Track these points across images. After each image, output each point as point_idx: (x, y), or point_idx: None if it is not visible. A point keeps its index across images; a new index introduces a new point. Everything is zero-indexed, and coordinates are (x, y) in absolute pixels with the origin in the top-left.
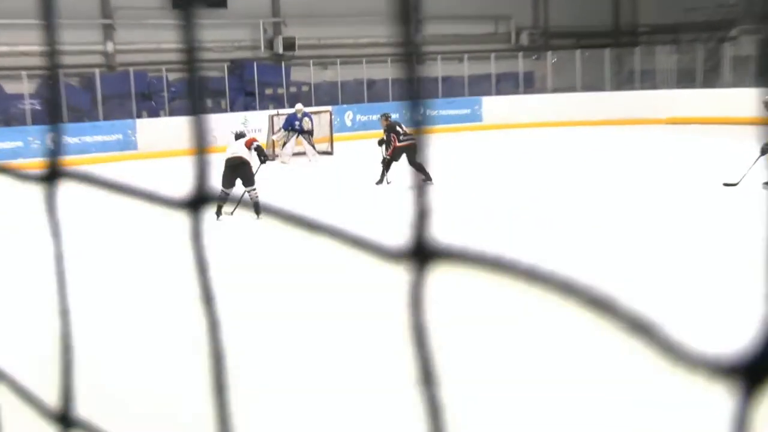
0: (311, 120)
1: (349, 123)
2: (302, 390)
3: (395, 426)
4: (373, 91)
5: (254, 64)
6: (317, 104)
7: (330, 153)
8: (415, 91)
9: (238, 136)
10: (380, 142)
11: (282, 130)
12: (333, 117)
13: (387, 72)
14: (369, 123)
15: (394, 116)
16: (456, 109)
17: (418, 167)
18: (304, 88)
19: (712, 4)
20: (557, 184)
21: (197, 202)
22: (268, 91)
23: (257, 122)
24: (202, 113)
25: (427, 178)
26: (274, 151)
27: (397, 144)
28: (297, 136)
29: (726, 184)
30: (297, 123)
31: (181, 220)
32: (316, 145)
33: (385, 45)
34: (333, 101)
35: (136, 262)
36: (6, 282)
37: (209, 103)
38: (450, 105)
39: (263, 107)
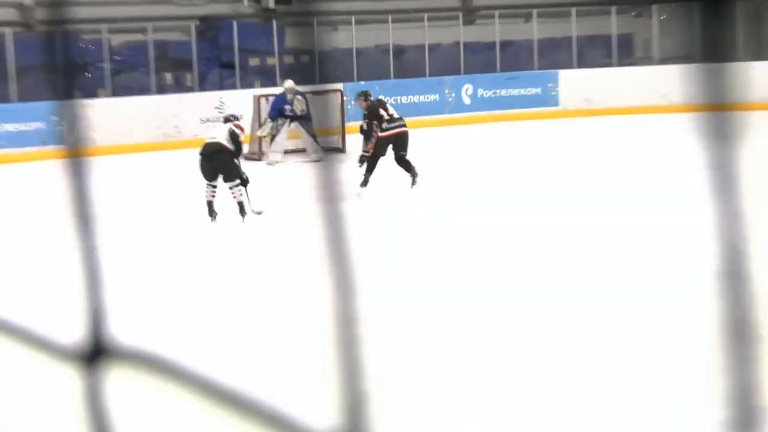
0: (306, 100)
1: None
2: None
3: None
4: (402, 63)
5: (233, 24)
6: (322, 81)
7: (341, 149)
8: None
9: (228, 119)
10: (361, 131)
11: (269, 120)
12: (344, 99)
13: (421, 36)
14: (398, 108)
15: (380, 97)
16: (521, 87)
17: (406, 165)
18: (304, 59)
19: None
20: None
21: (93, 354)
22: (254, 62)
23: (238, 106)
24: None
25: (413, 176)
26: (260, 148)
27: (380, 134)
28: (290, 125)
29: None
30: (288, 107)
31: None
32: (319, 138)
33: None
34: (345, 77)
35: None
36: None
37: (168, 78)
38: (512, 82)
39: (246, 85)
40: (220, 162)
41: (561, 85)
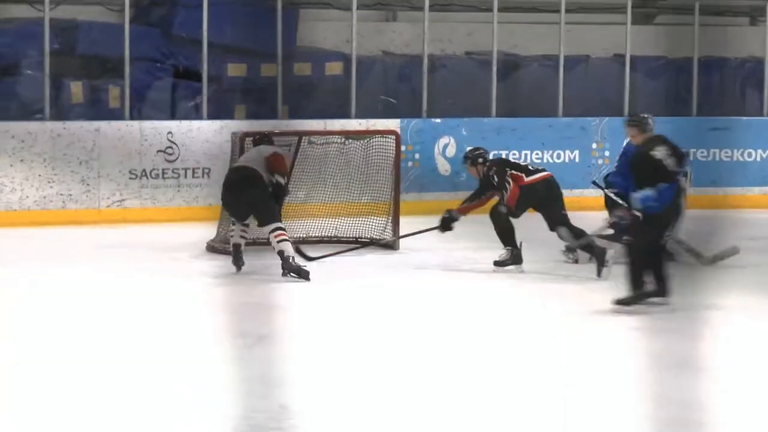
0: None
1: (444, 169)
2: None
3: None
4: (514, 86)
5: (203, 0)
6: (360, 114)
7: (392, 246)
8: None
9: (259, 140)
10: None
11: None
12: (403, 147)
13: (545, 37)
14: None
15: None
16: (737, 147)
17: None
18: (332, 69)
19: None
20: None
21: None
22: (234, 71)
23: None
24: None
25: (601, 259)
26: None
27: (525, 180)
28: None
29: None
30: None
31: None
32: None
33: None
34: (408, 107)
35: None
36: None
37: (80, 88)
38: (721, 137)
39: (217, 113)
40: (248, 195)
41: None
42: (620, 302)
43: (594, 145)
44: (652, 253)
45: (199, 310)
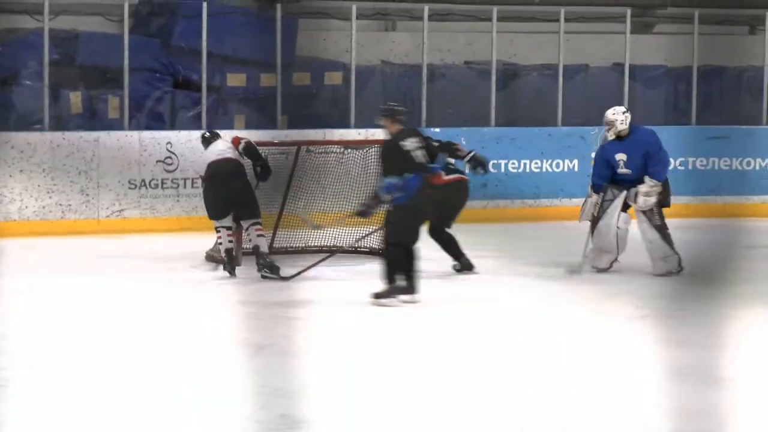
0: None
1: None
2: None
3: None
4: (515, 94)
5: (203, 9)
6: (361, 124)
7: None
8: None
9: (210, 138)
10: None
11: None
12: None
13: (544, 45)
14: (516, 177)
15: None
16: (734, 155)
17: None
18: (331, 79)
19: None
20: None
21: None
22: (234, 81)
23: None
24: None
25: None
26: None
27: (443, 178)
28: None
29: None
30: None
31: None
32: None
33: None
34: (407, 117)
35: None
36: None
37: (79, 98)
38: (719, 145)
39: (216, 123)
40: (236, 191)
41: None
42: (376, 296)
43: (593, 155)
44: (399, 246)
45: (198, 318)
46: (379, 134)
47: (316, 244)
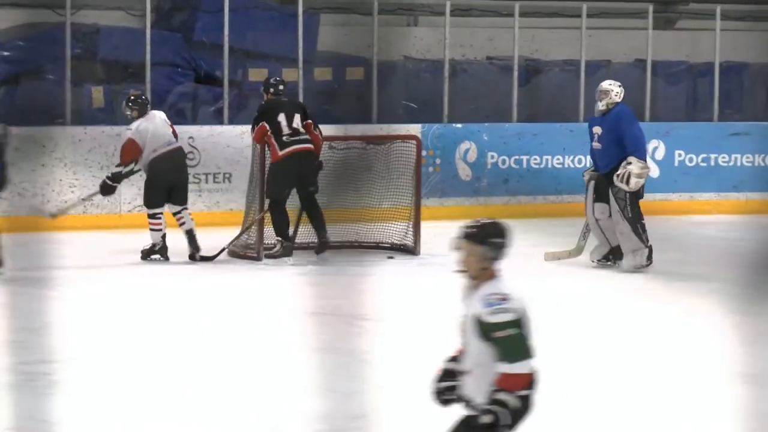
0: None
1: (465, 174)
2: None
3: None
4: (537, 89)
5: (225, 4)
6: (383, 119)
7: (411, 249)
8: None
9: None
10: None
11: None
12: (422, 154)
13: (562, 42)
14: (538, 173)
15: None
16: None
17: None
18: (353, 74)
19: None
20: None
21: None
22: (255, 76)
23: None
24: None
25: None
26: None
27: (279, 153)
28: None
29: None
30: None
31: None
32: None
33: None
34: (429, 112)
35: None
36: None
37: (101, 93)
38: (736, 142)
39: (238, 118)
40: (182, 177)
41: None
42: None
43: None
44: None
45: (221, 313)
46: (400, 129)
47: (338, 239)
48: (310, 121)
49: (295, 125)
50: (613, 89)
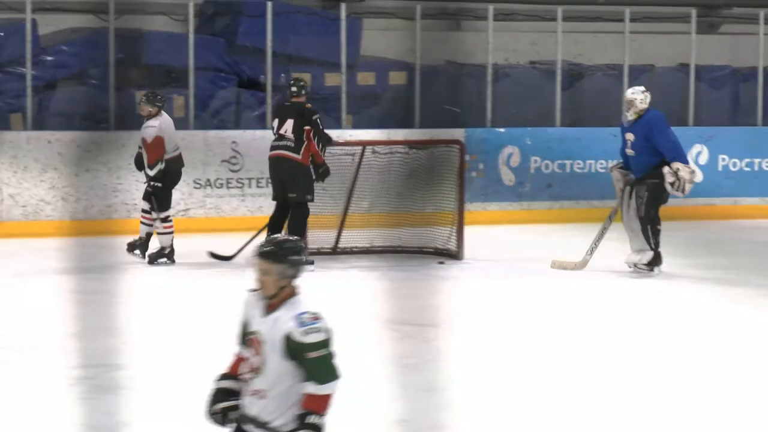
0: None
1: (508, 179)
2: None
3: None
4: (582, 92)
5: (267, 8)
6: (425, 124)
7: (455, 254)
8: None
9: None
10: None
11: None
12: (467, 157)
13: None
14: (581, 178)
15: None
16: None
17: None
18: (396, 79)
19: None
20: None
21: None
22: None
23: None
24: None
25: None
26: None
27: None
28: None
29: None
30: None
31: None
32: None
33: None
34: (472, 117)
35: None
36: None
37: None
38: None
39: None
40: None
41: None
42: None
43: None
44: None
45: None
46: (444, 134)
47: (380, 244)
48: (308, 127)
49: (282, 130)
50: (637, 97)
